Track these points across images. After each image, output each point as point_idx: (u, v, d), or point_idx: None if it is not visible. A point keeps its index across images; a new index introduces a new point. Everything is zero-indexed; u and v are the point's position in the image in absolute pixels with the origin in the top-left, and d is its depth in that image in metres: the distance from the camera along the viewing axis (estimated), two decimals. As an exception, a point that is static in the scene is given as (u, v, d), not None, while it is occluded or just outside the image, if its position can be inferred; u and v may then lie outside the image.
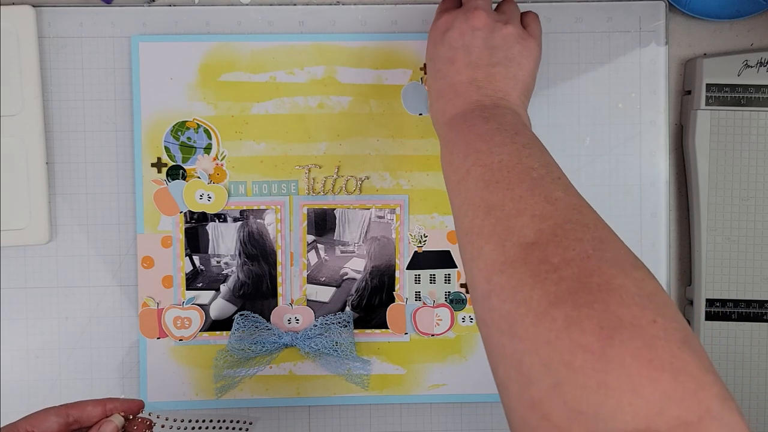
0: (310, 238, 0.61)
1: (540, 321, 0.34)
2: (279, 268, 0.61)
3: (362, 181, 0.61)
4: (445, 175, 0.48)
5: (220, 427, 0.57)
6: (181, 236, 0.60)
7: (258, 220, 0.61)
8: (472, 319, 0.61)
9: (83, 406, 0.47)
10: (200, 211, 0.60)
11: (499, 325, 0.37)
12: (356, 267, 0.61)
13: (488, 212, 0.41)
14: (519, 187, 0.41)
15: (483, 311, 0.39)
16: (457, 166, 0.45)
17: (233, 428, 0.59)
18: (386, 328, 0.61)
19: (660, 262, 0.61)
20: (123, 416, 0.48)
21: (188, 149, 0.60)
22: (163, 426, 0.52)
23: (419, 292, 0.61)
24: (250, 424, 0.59)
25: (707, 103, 0.60)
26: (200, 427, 0.58)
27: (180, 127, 0.60)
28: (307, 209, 0.61)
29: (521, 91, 0.51)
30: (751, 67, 0.60)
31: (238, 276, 0.61)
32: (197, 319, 0.60)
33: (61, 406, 0.47)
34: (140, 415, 0.49)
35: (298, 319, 0.61)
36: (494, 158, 0.43)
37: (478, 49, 0.50)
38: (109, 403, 0.48)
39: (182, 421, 0.58)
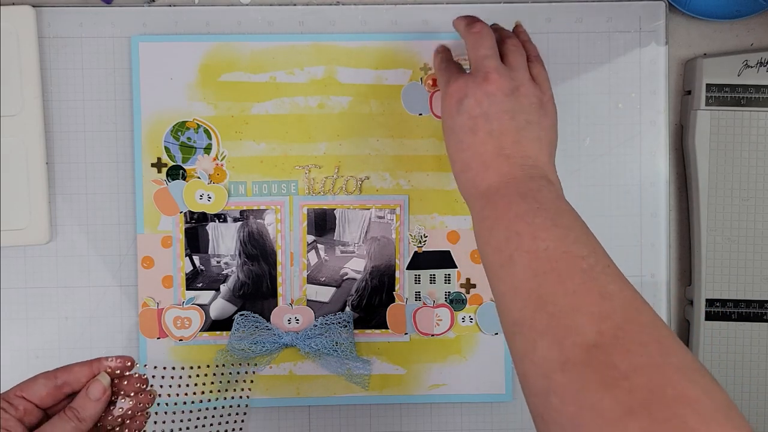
0: (310, 238, 0.61)
1: (613, 430, 0.34)
2: (279, 268, 0.61)
3: (362, 182, 0.61)
4: (481, 252, 0.46)
5: (220, 414, 0.57)
6: (181, 236, 0.60)
7: (258, 220, 0.61)
8: (472, 319, 0.61)
9: (71, 368, 0.47)
10: (200, 211, 0.60)
11: (562, 425, 0.37)
12: (356, 267, 0.61)
13: (540, 305, 0.40)
14: (571, 280, 0.40)
15: (540, 407, 0.38)
16: (498, 248, 0.44)
17: (229, 414, 0.59)
18: (386, 328, 0.61)
19: (660, 262, 0.61)
20: (110, 374, 0.47)
21: (188, 149, 0.60)
22: (154, 376, 0.51)
23: (419, 292, 0.61)
24: (246, 406, 0.59)
25: (707, 103, 0.60)
26: (197, 417, 0.58)
27: (180, 127, 0.60)
28: (307, 209, 0.61)
29: (548, 152, 0.49)
30: (751, 67, 0.60)
31: (238, 276, 0.61)
32: (197, 319, 0.60)
33: (50, 370, 0.47)
34: (133, 372, 0.48)
35: (298, 319, 0.61)
36: (539, 244, 0.42)
37: (498, 115, 0.48)
38: (96, 363, 0.47)
39: (183, 412, 0.58)
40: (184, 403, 0.58)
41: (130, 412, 0.47)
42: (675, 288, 0.63)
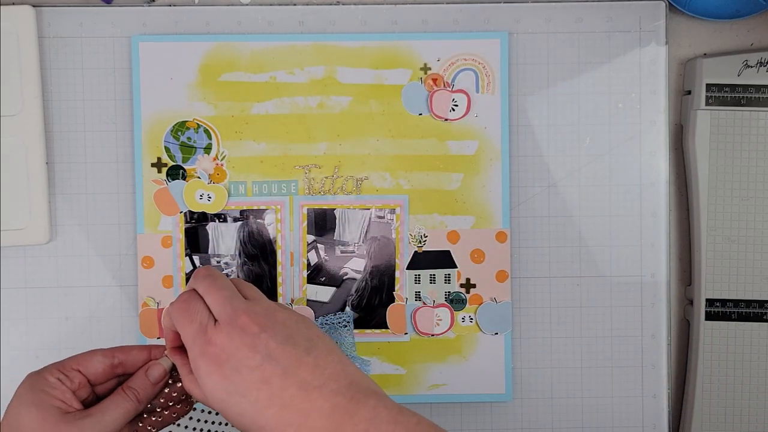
0: (310, 238, 0.61)
1: None
2: (279, 268, 0.61)
3: (362, 182, 0.61)
4: None
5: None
6: (181, 236, 0.60)
7: (258, 220, 0.61)
8: (472, 319, 0.61)
9: (129, 349, 0.47)
10: (200, 211, 0.60)
11: None
12: (356, 267, 0.61)
13: None
14: None
15: None
16: None
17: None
18: (386, 328, 0.61)
19: (660, 262, 0.61)
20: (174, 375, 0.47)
21: (188, 149, 0.60)
22: None
23: (419, 292, 0.61)
24: None
25: (707, 103, 0.60)
26: (205, 420, 0.58)
27: (180, 127, 0.60)
28: (307, 209, 0.61)
29: (349, 362, 0.42)
30: (751, 67, 0.60)
31: (238, 276, 0.61)
32: (197, 319, 0.60)
33: (107, 348, 0.47)
34: None
35: (298, 319, 0.61)
36: None
37: (279, 351, 0.40)
38: (155, 350, 0.47)
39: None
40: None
41: (181, 396, 0.48)
42: (675, 288, 0.63)
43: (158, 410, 0.48)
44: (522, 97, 0.61)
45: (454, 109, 0.61)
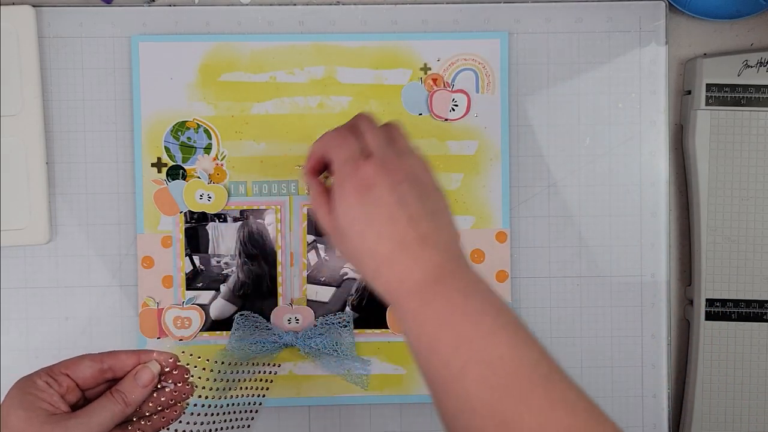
0: (310, 238, 0.61)
1: None
2: (279, 268, 0.61)
3: (362, 181, 0.61)
4: (423, 362, 0.41)
5: (228, 412, 0.57)
6: (181, 236, 0.60)
7: (258, 220, 0.61)
8: (472, 319, 0.61)
9: (117, 354, 0.47)
10: (200, 211, 0.60)
11: None
12: (356, 267, 0.61)
13: (505, 426, 0.37)
14: (533, 395, 0.37)
15: None
16: (446, 359, 0.39)
17: (242, 411, 0.59)
18: (386, 328, 0.61)
19: (660, 262, 0.61)
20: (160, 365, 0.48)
21: (188, 149, 0.60)
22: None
23: (419, 292, 0.61)
24: (260, 404, 0.59)
25: (707, 103, 0.60)
26: (207, 413, 0.58)
27: (180, 127, 0.60)
28: (307, 209, 0.61)
29: (460, 241, 0.44)
30: (751, 67, 0.60)
31: (238, 276, 0.61)
32: (197, 319, 0.60)
33: (96, 353, 0.47)
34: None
35: (298, 319, 0.61)
36: (492, 353, 0.38)
37: (412, 202, 0.42)
38: (143, 354, 0.48)
39: (195, 405, 0.58)
40: (199, 396, 0.58)
41: (170, 400, 0.48)
42: (675, 288, 0.63)
43: (148, 414, 0.48)
44: (522, 97, 0.61)
45: (454, 109, 0.61)
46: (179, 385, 0.49)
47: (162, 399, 0.48)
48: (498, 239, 0.61)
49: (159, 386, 0.48)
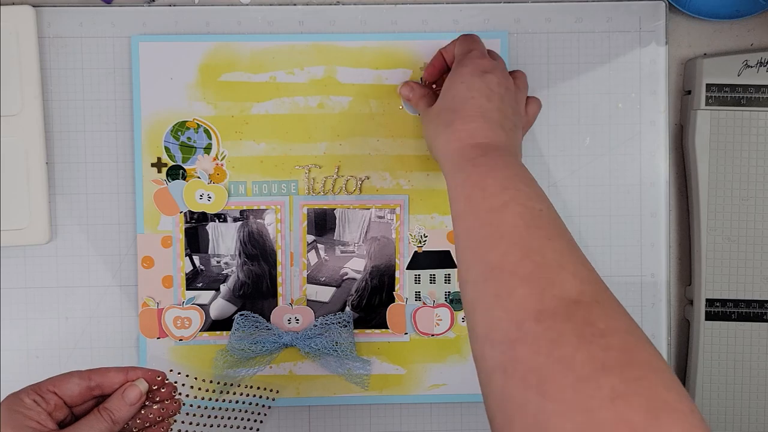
0: (310, 238, 0.61)
1: (582, 385, 0.33)
2: (279, 268, 0.61)
3: (362, 181, 0.61)
4: (466, 195, 0.46)
5: (238, 409, 0.57)
6: (181, 236, 0.60)
7: (258, 220, 0.61)
8: (472, 319, 0.61)
9: (105, 371, 0.48)
10: (200, 211, 0.60)
11: (526, 377, 0.35)
12: (356, 267, 0.61)
13: (527, 254, 0.40)
14: (559, 242, 0.41)
15: (505, 358, 0.37)
16: (492, 193, 0.44)
17: (251, 411, 0.59)
18: (386, 328, 0.61)
19: (660, 262, 0.61)
20: (151, 398, 0.48)
21: (188, 149, 0.60)
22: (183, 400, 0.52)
23: (419, 292, 0.61)
24: (269, 408, 0.60)
25: (707, 103, 0.60)
26: (216, 416, 0.58)
27: (180, 127, 0.60)
28: (307, 209, 0.61)
29: (520, 146, 0.53)
30: (751, 67, 0.60)
31: (238, 276, 0.61)
32: (197, 319, 0.60)
33: (84, 370, 0.47)
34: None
35: (298, 319, 0.61)
36: (535, 204, 0.43)
37: (508, 99, 0.52)
38: (131, 372, 0.48)
39: (199, 407, 0.58)
40: (204, 398, 0.58)
41: (158, 417, 0.49)
42: (675, 288, 0.63)
43: (135, 430, 0.48)
44: (522, 97, 0.61)
45: (454, 109, 0.60)
46: (167, 402, 0.49)
47: (150, 416, 0.48)
48: (498, 239, 0.61)
49: (146, 403, 0.48)
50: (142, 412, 0.48)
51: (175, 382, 0.50)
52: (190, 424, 0.59)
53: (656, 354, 0.35)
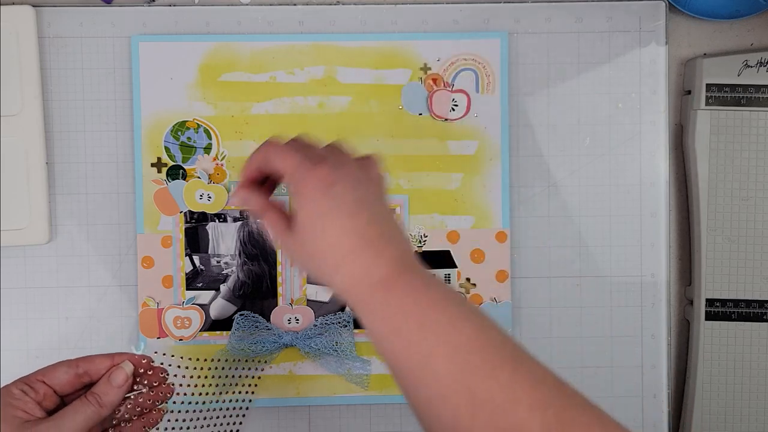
0: (310, 238, 0.61)
1: None
2: (279, 268, 0.61)
3: (362, 181, 0.61)
4: (391, 354, 0.40)
5: (221, 412, 0.57)
6: (181, 236, 0.60)
7: (258, 220, 0.61)
8: (472, 319, 0.61)
9: (92, 358, 0.48)
10: (200, 211, 0.60)
11: None
12: (356, 267, 0.61)
13: (475, 405, 0.37)
14: (502, 371, 0.37)
15: None
16: (414, 345, 0.39)
17: (231, 413, 0.59)
18: (386, 328, 0.61)
19: (660, 262, 0.61)
20: (134, 366, 0.48)
21: (188, 149, 0.60)
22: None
23: (419, 292, 0.61)
24: (247, 409, 0.59)
25: (707, 103, 0.60)
26: (198, 417, 0.58)
27: (180, 127, 0.60)
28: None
29: (408, 238, 0.46)
30: (751, 67, 0.60)
31: (238, 276, 0.61)
32: (197, 319, 0.60)
33: (72, 359, 0.48)
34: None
35: (298, 319, 0.61)
36: (460, 335, 0.39)
37: (370, 203, 0.43)
38: (117, 356, 0.48)
39: (185, 411, 0.58)
40: (182, 403, 0.58)
41: (148, 401, 0.49)
42: (675, 288, 0.63)
43: (127, 416, 0.48)
44: (522, 97, 0.61)
45: (454, 109, 0.61)
46: (157, 385, 0.49)
47: (140, 400, 0.49)
48: (498, 239, 0.61)
49: (137, 388, 0.49)
50: (132, 397, 0.48)
51: (161, 363, 0.50)
52: (168, 421, 0.58)
53: None
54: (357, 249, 0.42)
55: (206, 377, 0.60)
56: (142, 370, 0.49)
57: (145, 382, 0.49)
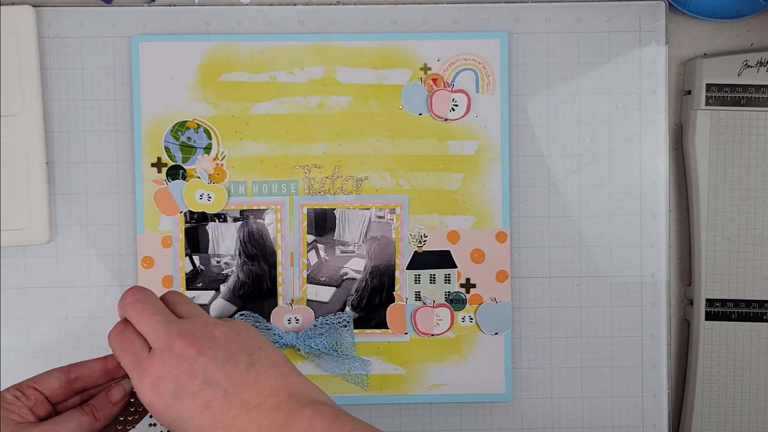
0: (310, 238, 0.61)
1: None
2: (279, 268, 0.61)
3: (362, 181, 0.61)
4: None
5: None
6: (181, 236, 0.60)
7: (258, 220, 0.61)
8: (471, 319, 0.61)
9: (84, 363, 0.48)
10: (200, 211, 0.60)
11: None
12: (356, 267, 0.61)
13: None
14: None
15: None
16: None
17: None
18: (386, 328, 0.61)
19: (660, 262, 0.61)
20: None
21: (188, 149, 0.60)
22: None
23: (419, 292, 0.61)
24: None
25: (707, 103, 0.60)
26: None
27: (180, 127, 0.60)
28: (307, 209, 0.61)
29: (293, 373, 0.44)
30: (751, 67, 0.60)
31: (238, 276, 0.61)
32: (197, 319, 0.60)
33: (63, 366, 0.48)
34: None
35: (298, 319, 0.61)
36: None
37: (218, 372, 0.41)
38: (110, 358, 0.48)
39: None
40: None
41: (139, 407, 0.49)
42: (675, 288, 0.63)
43: (121, 418, 0.49)
44: (522, 97, 0.61)
45: (454, 109, 0.61)
46: None
47: (131, 400, 0.49)
48: (498, 239, 0.61)
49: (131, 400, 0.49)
50: (131, 399, 0.48)
51: None
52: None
53: None
54: (204, 427, 0.41)
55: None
56: None
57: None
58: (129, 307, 0.44)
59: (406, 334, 0.61)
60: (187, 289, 0.60)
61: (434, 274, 0.61)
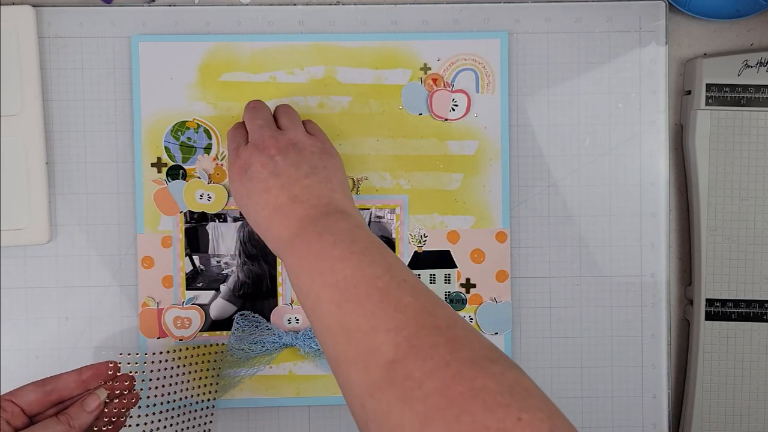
0: (310, 238, 0.61)
1: None
2: (279, 268, 0.61)
3: (362, 181, 0.61)
4: (299, 300, 0.47)
5: (183, 413, 0.57)
6: (181, 236, 0.60)
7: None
8: (472, 318, 0.61)
9: (60, 376, 0.49)
10: (200, 211, 0.60)
11: None
12: (356, 267, 0.61)
13: (347, 335, 0.41)
14: (369, 302, 0.41)
15: None
16: (307, 291, 0.45)
17: (198, 415, 0.59)
18: (386, 328, 0.61)
19: (660, 262, 0.61)
20: (106, 389, 0.50)
21: (188, 149, 0.60)
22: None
23: (419, 292, 0.61)
24: (213, 407, 0.59)
25: (707, 103, 0.60)
26: (166, 418, 0.58)
27: (180, 127, 0.60)
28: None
29: (341, 190, 0.51)
30: (751, 67, 0.60)
31: (238, 276, 0.61)
32: (197, 319, 0.60)
33: (39, 379, 0.49)
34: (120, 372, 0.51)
35: (298, 319, 0.61)
36: (338, 276, 0.43)
37: (283, 170, 0.50)
38: (85, 370, 0.49)
39: (153, 413, 0.57)
40: (154, 405, 0.57)
41: (114, 410, 0.50)
42: (675, 288, 0.63)
43: (95, 429, 0.50)
44: (522, 97, 0.61)
45: (454, 109, 0.61)
46: (126, 393, 0.50)
47: (106, 410, 0.50)
48: (498, 239, 0.61)
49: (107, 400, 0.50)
50: (105, 410, 0.49)
51: (131, 372, 0.52)
52: (168, 419, 0.58)
53: (479, 370, 0.35)
54: (271, 218, 0.49)
55: (206, 377, 0.60)
56: (109, 382, 0.50)
57: (116, 392, 0.50)
58: (245, 111, 0.56)
59: (406, 334, 0.61)
60: (187, 289, 0.60)
61: (434, 274, 0.61)
